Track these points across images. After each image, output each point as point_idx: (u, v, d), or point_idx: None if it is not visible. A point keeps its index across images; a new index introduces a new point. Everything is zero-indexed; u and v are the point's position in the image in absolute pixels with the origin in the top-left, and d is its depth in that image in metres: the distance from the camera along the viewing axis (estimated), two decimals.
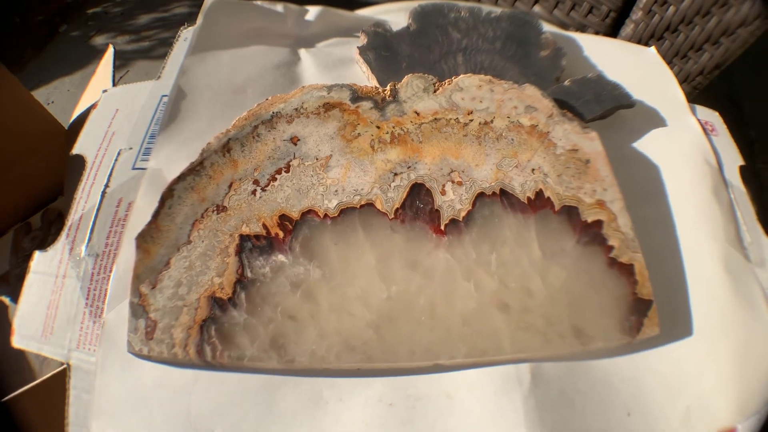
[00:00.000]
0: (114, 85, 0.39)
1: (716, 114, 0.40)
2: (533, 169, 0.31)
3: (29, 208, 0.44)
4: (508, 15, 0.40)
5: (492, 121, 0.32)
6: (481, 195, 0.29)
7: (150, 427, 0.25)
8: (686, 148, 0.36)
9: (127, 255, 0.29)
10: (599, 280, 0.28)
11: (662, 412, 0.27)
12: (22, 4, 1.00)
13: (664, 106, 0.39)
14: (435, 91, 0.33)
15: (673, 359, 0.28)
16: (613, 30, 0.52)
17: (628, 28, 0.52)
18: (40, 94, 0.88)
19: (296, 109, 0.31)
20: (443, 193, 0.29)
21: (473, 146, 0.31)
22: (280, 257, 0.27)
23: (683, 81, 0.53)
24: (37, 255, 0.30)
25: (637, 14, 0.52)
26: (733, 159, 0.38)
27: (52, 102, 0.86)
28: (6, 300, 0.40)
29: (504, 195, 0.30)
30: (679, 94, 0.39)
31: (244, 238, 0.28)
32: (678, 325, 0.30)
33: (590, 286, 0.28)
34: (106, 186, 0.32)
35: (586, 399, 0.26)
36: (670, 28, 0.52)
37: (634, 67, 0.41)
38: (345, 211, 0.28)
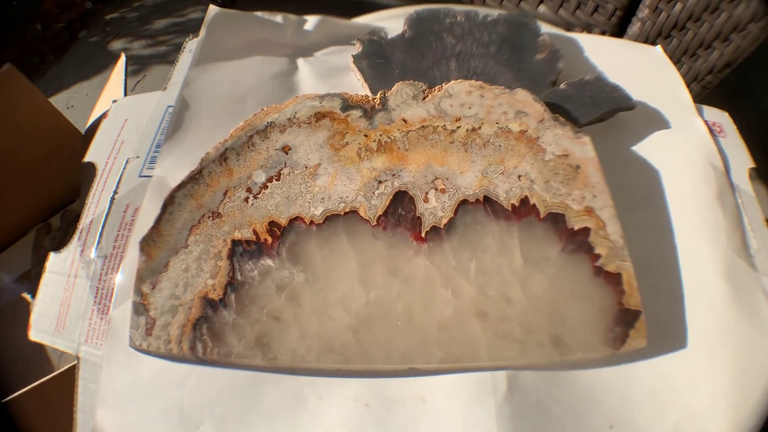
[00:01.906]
0: (125, 93, 0.41)
1: (725, 114, 0.37)
2: (520, 176, 0.30)
3: (49, 210, 0.47)
4: (505, 18, 0.38)
5: (480, 128, 0.31)
6: (464, 202, 0.29)
7: (148, 417, 0.27)
8: (689, 150, 0.34)
9: (132, 257, 0.30)
10: (583, 289, 0.27)
11: (648, 427, 0.26)
12: (43, 12, 1.05)
13: (668, 108, 0.36)
14: (424, 99, 0.32)
15: (663, 372, 0.27)
16: (619, 29, 0.49)
17: (634, 26, 0.49)
18: (61, 99, 0.91)
19: (289, 119, 0.32)
20: (426, 200, 0.29)
21: (459, 153, 0.30)
22: (268, 261, 0.28)
23: (693, 80, 0.49)
24: (52, 256, 0.33)
25: (643, 12, 0.48)
26: (742, 161, 0.35)
27: (72, 106, 0.89)
28: (28, 297, 0.44)
29: (488, 202, 0.29)
30: (684, 95, 0.37)
31: (235, 243, 0.29)
32: (671, 337, 0.28)
33: (573, 295, 0.27)
34: (115, 192, 0.34)
35: (565, 410, 0.25)
36: (677, 25, 0.48)
37: (638, 67, 0.39)
38: (330, 218, 0.29)
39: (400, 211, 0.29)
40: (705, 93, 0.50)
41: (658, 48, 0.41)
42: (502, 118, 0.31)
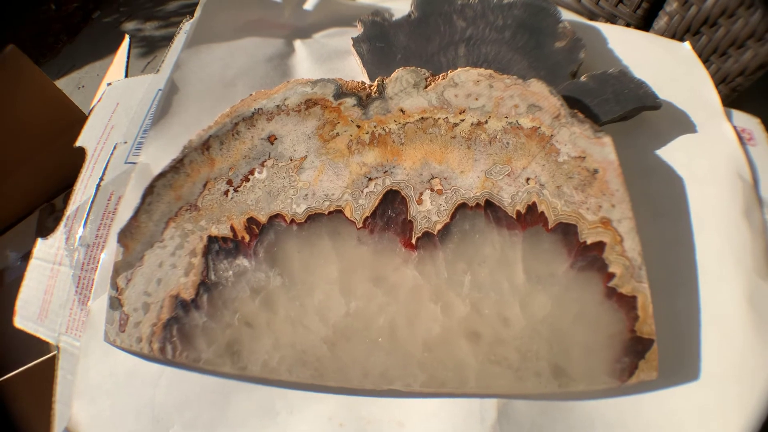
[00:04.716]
0: (126, 75, 0.37)
1: (757, 121, 0.31)
2: (528, 179, 0.25)
3: (53, 190, 0.45)
4: (523, 1, 0.32)
5: (486, 122, 0.26)
6: (462, 206, 0.24)
7: (121, 413, 0.24)
8: (716, 159, 0.28)
9: (113, 248, 0.27)
10: (591, 312, 0.22)
11: None
12: None
13: (696, 110, 0.30)
14: (426, 87, 0.27)
15: (670, 406, 0.22)
16: (645, 22, 0.41)
17: (661, 20, 0.41)
18: (73, 79, 0.87)
19: (278, 106, 0.27)
20: (420, 202, 0.24)
21: (461, 150, 0.25)
22: (244, 262, 0.24)
23: (721, 82, 0.42)
24: (39, 242, 0.30)
25: (671, 5, 0.41)
26: None
27: (83, 86, 0.85)
28: None
29: (490, 207, 0.24)
30: (713, 97, 0.30)
31: (212, 239, 0.25)
32: (683, 368, 0.23)
33: (579, 320, 0.22)
34: (101, 179, 0.30)
35: None
36: (708, 21, 0.40)
37: (664, 64, 0.33)
38: (313, 217, 0.24)
39: (390, 213, 0.24)
40: (734, 96, 0.42)
41: (686, 44, 0.35)
42: (512, 112, 0.26)
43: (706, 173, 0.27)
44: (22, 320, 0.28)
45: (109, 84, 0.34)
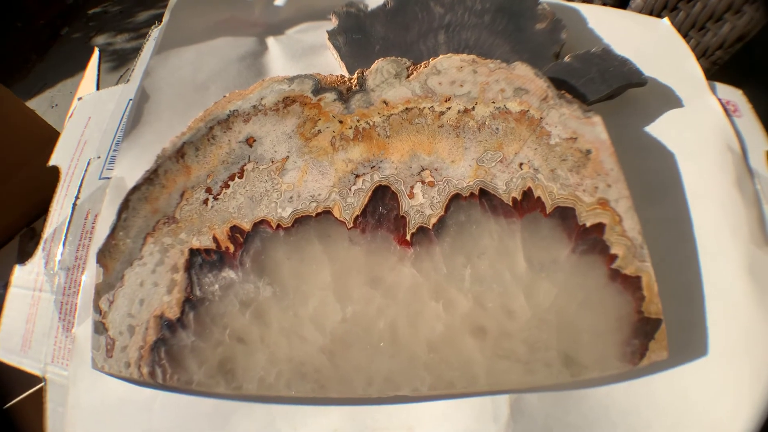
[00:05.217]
0: (98, 89, 0.35)
1: (739, 92, 0.30)
2: (521, 164, 0.24)
3: (33, 213, 0.42)
4: None
5: (473, 108, 0.25)
6: (456, 197, 0.23)
7: None
8: (705, 132, 0.27)
9: (93, 269, 0.25)
10: (597, 297, 0.21)
11: None
12: (23, 9, 0.96)
13: (680, 84, 0.30)
14: (408, 77, 0.26)
15: (682, 386, 0.22)
16: (621, 1, 0.41)
17: None
18: (45, 98, 0.83)
19: (254, 106, 0.26)
20: (411, 196, 0.23)
21: (449, 139, 0.24)
22: (230, 273, 0.22)
23: (701, 56, 0.41)
24: (17, 269, 0.28)
25: None
26: (758, 143, 0.29)
27: (56, 105, 0.81)
28: None
29: (484, 196, 0.23)
30: (696, 71, 0.30)
31: (193, 252, 0.23)
32: (691, 345, 0.23)
33: (586, 305, 0.21)
34: (77, 197, 0.28)
35: None
36: None
37: (645, 41, 0.32)
38: (300, 221, 0.23)
39: (381, 209, 0.23)
40: (714, 69, 0.42)
41: (665, 20, 0.34)
42: (499, 97, 0.25)
43: (696, 147, 0.27)
44: (5, 353, 0.26)
45: (79, 98, 0.32)
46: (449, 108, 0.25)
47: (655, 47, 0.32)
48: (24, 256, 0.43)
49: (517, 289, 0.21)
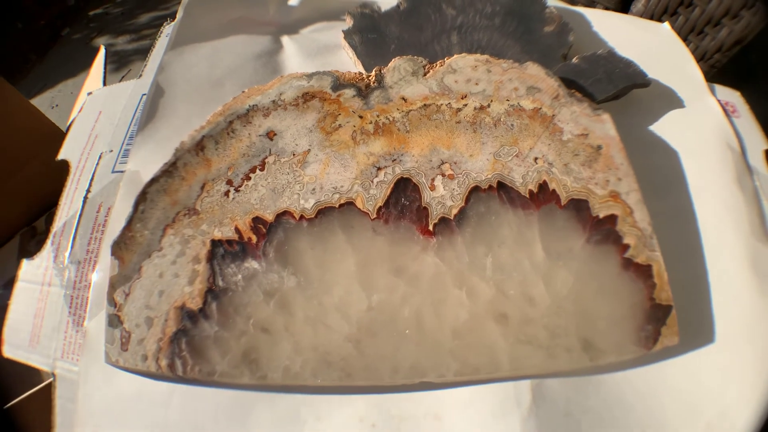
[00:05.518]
0: (104, 86, 0.34)
1: (737, 94, 0.32)
2: (536, 158, 0.24)
3: (34, 212, 0.41)
4: None
5: (489, 106, 0.25)
6: (475, 189, 0.23)
7: None
8: (706, 131, 0.29)
9: (106, 262, 0.25)
10: (612, 284, 0.22)
11: (680, 430, 0.21)
12: (23, 10, 0.95)
13: (681, 86, 0.31)
14: (425, 75, 0.26)
15: (692, 370, 0.22)
16: (623, 6, 0.43)
17: (639, 3, 0.43)
18: (45, 98, 0.82)
19: (273, 101, 0.26)
20: (432, 188, 0.23)
21: (467, 134, 0.25)
22: (254, 264, 0.22)
23: (700, 59, 0.43)
24: (25, 263, 0.27)
25: None
26: (756, 143, 0.30)
27: (57, 105, 0.80)
28: None
29: (502, 188, 0.24)
30: (696, 73, 0.32)
31: (215, 243, 0.23)
32: (699, 332, 0.23)
33: (601, 292, 0.22)
34: (88, 191, 0.28)
35: (595, 418, 0.21)
36: (684, 2, 0.42)
37: (646, 44, 0.33)
38: (323, 212, 0.23)
39: (404, 201, 0.23)
40: (712, 72, 0.44)
41: (666, 25, 0.36)
42: (512, 95, 0.26)
43: (698, 145, 0.28)
44: (12, 348, 0.25)
45: (89, 93, 0.31)
46: (466, 105, 0.25)
47: (657, 50, 0.34)
48: (25, 254, 0.41)
49: (536, 277, 0.21)
